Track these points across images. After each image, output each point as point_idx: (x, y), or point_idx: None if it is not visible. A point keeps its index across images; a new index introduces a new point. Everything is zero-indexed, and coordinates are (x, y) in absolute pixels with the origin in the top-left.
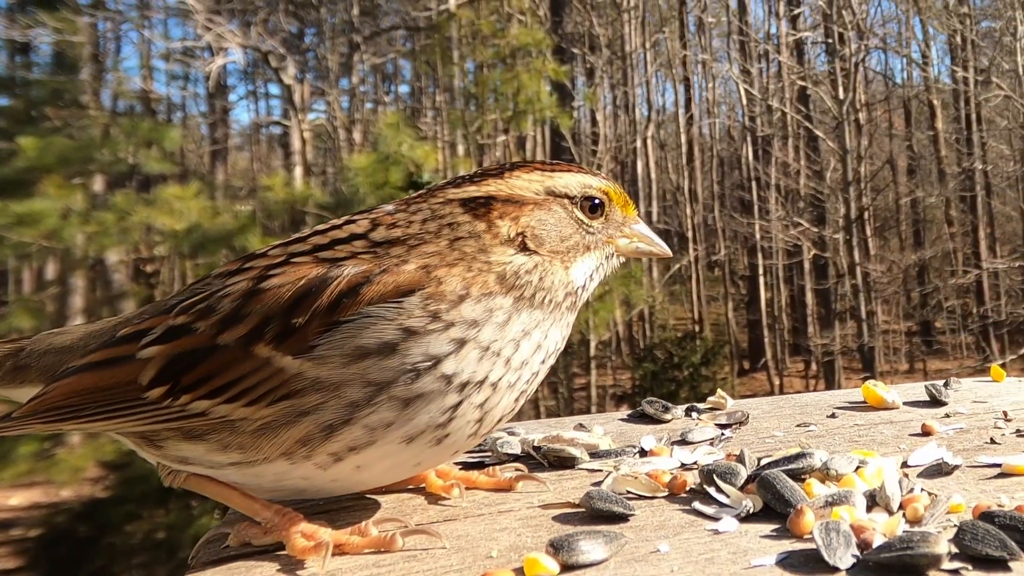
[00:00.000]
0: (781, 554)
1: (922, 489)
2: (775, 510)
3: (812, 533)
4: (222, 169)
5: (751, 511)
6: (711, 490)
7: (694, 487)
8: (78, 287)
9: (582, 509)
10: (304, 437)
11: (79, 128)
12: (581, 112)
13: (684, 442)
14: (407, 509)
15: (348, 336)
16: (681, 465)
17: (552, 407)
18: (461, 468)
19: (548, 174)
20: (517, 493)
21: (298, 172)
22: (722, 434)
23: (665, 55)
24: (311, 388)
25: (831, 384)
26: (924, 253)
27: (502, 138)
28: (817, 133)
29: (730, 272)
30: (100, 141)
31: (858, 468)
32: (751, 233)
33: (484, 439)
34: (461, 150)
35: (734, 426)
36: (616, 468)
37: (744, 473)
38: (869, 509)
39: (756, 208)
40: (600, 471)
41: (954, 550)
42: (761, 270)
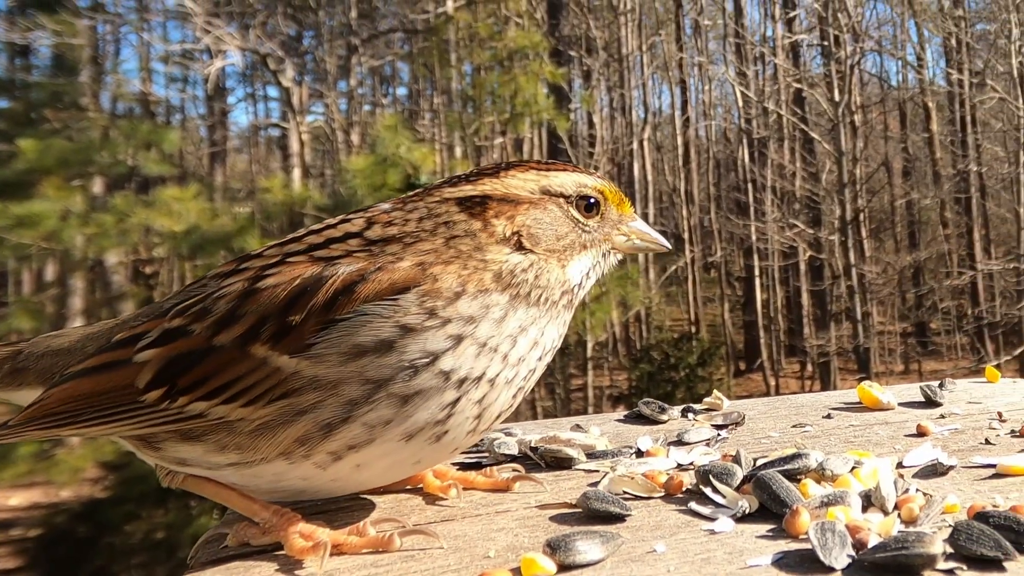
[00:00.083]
0: (777, 554)
1: (917, 489)
2: (771, 510)
3: (808, 533)
4: (221, 171)
5: (747, 511)
6: (707, 490)
7: (690, 487)
8: (77, 288)
9: (579, 509)
10: (302, 436)
11: (78, 130)
12: (578, 114)
13: (680, 443)
14: (405, 509)
15: (345, 334)
16: (677, 466)
17: (549, 408)
18: (458, 469)
19: (543, 173)
20: (514, 493)
21: (296, 174)
22: (718, 435)
23: (661, 57)
24: (309, 387)
25: (827, 385)
26: (919, 254)
27: (499, 140)
28: (813, 135)
29: (726, 273)
30: (99, 143)
31: (854, 468)
32: (747, 235)
33: (482, 438)
34: (459, 152)
35: (730, 427)
36: (613, 469)
37: (740, 474)
38: (865, 509)
39: (752, 210)
40: (597, 472)
41: (949, 550)
42: (757, 271)
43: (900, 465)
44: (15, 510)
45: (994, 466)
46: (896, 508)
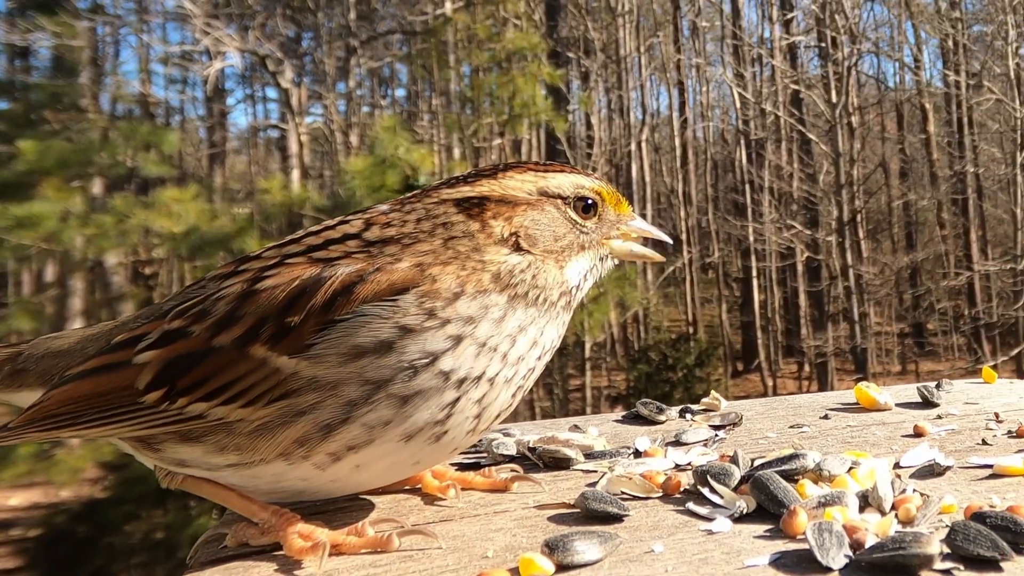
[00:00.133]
0: (774, 554)
1: (914, 490)
2: (768, 511)
3: (805, 533)
4: (220, 172)
5: (745, 512)
6: (705, 491)
7: (688, 488)
8: (77, 289)
9: (577, 510)
10: (302, 437)
11: (78, 131)
12: (576, 116)
13: (678, 443)
14: (403, 510)
15: (344, 335)
16: (675, 466)
17: (547, 408)
18: (457, 469)
19: (541, 175)
20: (513, 494)
21: (295, 175)
22: (716, 435)
23: (659, 59)
24: (308, 387)
25: (824, 385)
26: (916, 255)
27: (498, 141)
28: (810, 136)
29: (724, 274)
30: (99, 144)
31: (851, 469)
32: (745, 236)
33: (481, 438)
34: (457, 153)
35: (728, 427)
36: (611, 469)
37: (738, 474)
38: (862, 510)
39: (750, 211)
40: (595, 472)
41: (946, 550)
42: (755, 272)
43: (897, 465)
44: (15, 510)
45: (991, 466)
46: (893, 508)
